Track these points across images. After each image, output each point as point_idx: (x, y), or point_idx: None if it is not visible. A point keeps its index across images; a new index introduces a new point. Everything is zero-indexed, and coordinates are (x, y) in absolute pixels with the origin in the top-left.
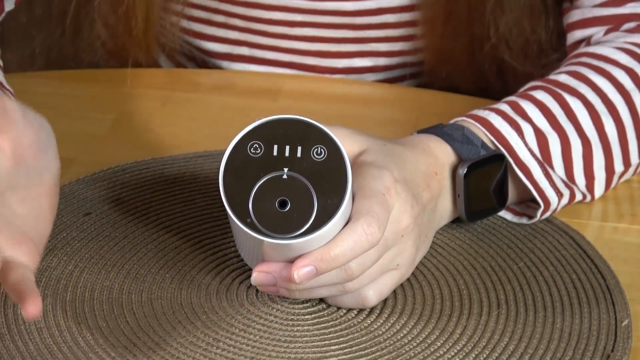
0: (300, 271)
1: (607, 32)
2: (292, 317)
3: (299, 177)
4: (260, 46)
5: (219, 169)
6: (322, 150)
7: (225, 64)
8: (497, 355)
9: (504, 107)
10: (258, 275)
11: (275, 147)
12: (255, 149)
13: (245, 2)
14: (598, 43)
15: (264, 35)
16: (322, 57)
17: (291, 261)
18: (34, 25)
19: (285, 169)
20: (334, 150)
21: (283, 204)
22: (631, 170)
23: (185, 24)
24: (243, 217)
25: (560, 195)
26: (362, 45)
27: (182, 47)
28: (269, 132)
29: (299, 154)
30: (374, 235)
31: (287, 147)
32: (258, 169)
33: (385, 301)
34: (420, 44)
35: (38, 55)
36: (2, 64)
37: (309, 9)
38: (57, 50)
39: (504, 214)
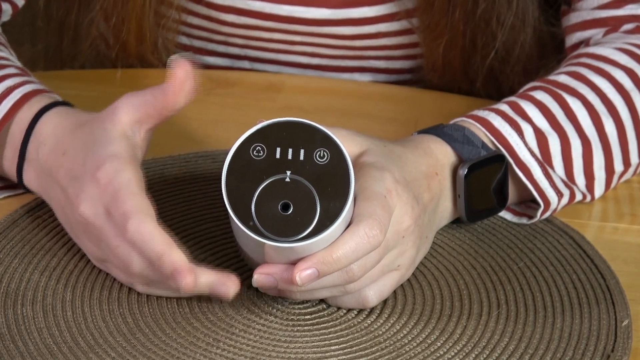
0: (302, 274)
1: (606, 34)
2: (292, 317)
3: (302, 180)
4: (261, 60)
5: (221, 171)
6: (324, 153)
7: None
8: (497, 355)
9: (504, 107)
10: (259, 277)
11: (278, 149)
12: (258, 151)
13: (244, 25)
14: (597, 44)
15: (264, 51)
16: (322, 70)
17: (293, 263)
18: (34, 27)
19: (288, 172)
20: (336, 153)
21: (286, 207)
22: (631, 170)
23: (186, 40)
24: (246, 220)
25: (560, 195)
26: (361, 61)
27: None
28: (271, 135)
29: (301, 157)
30: (376, 238)
31: (290, 150)
32: (261, 172)
33: (385, 301)
34: (420, 63)
35: (38, 55)
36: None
37: (307, 32)
38: (57, 51)
39: (504, 214)
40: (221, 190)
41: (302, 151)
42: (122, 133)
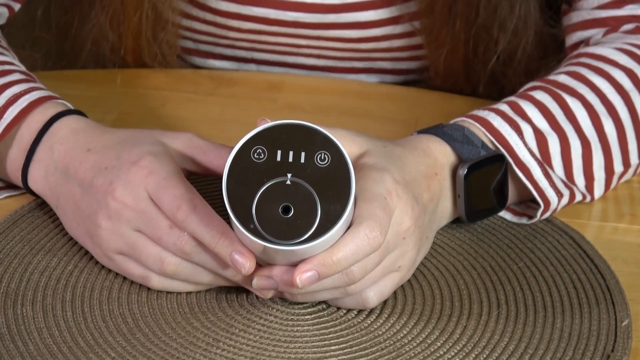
0: (302, 276)
1: (606, 34)
2: (292, 317)
3: (303, 183)
4: (268, 62)
5: (222, 173)
6: (325, 156)
7: None
8: (497, 355)
9: (503, 107)
10: (260, 280)
11: (279, 152)
12: (259, 154)
13: (250, 30)
14: (597, 44)
15: (270, 53)
16: (329, 71)
17: (293, 265)
18: (33, 31)
19: (289, 175)
20: (337, 156)
21: (286, 210)
22: (631, 170)
23: (192, 44)
24: (246, 222)
25: (560, 195)
26: (368, 63)
27: (183, 66)
28: (272, 137)
29: (302, 160)
30: (376, 240)
31: (291, 153)
32: (261, 174)
33: (385, 301)
34: (426, 64)
35: (38, 55)
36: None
37: (313, 36)
38: (58, 55)
39: (504, 214)
40: (222, 192)
41: (302, 154)
42: (167, 148)
